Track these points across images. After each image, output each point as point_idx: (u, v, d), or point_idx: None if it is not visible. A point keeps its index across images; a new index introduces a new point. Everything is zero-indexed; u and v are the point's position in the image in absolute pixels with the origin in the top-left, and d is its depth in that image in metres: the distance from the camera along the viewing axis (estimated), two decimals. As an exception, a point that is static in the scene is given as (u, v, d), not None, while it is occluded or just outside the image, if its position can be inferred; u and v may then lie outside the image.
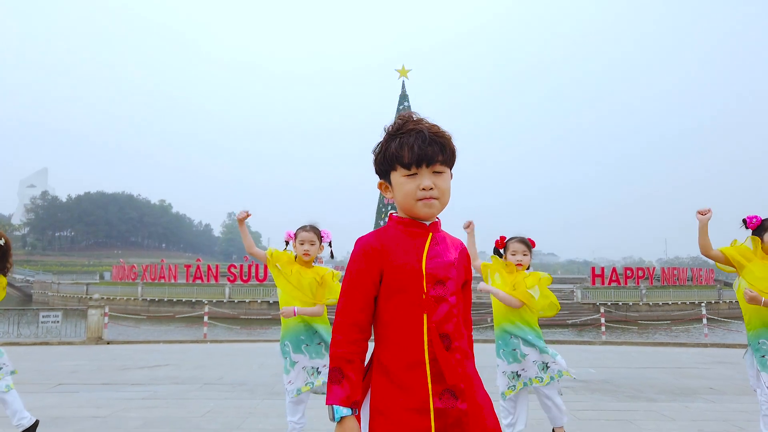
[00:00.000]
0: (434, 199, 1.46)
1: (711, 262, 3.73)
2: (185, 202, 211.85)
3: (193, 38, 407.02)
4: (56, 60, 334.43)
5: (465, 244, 1.60)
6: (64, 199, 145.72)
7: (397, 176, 1.48)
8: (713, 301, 33.14)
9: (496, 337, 3.74)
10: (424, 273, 1.46)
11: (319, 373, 3.44)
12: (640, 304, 32.71)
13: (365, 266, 1.46)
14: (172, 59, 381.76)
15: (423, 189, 1.45)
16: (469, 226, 3.93)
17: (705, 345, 11.72)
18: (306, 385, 3.43)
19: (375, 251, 1.46)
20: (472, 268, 1.98)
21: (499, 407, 3.48)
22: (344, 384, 1.37)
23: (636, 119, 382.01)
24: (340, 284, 1.60)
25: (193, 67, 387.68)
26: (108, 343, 11.78)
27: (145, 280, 37.05)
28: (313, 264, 3.62)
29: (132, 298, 34.37)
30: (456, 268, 1.51)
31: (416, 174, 1.46)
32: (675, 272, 39.25)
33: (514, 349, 3.60)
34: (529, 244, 3.79)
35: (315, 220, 3.68)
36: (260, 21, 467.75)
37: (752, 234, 3.56)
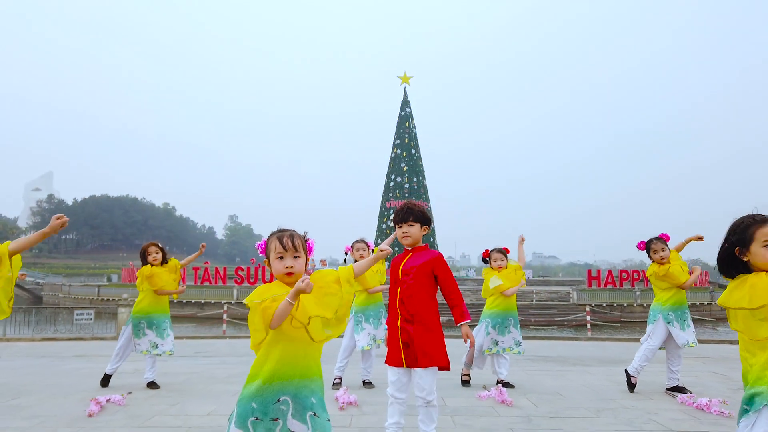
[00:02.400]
0: (407, 237, 3.31)
1: (705, 264, 5.27)
2: (188, 205, 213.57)
3: (195, 43, 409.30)
4: (60, 63, 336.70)
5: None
6: (70, 203, 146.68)
7: (400, 225, 3.37)
8: (706, 303, 33.70)
9: (493, 315, 5.41)
10: (400, 270, 3.30)
11: (374, 339, 5.34)
12: (635, 305, 33.23)
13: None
14: (175, 63, 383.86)
15: (402, 233, 3.33)
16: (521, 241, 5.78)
17: (713, 341, 12.77)
18: (367, 345, 5.25)
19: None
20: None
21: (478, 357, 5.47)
22: None
23: (639, 121, 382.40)
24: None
25: (195, 72, 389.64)
26: (137, 339, 12.84)
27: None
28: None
29: (143, 300, 35.51)
30: (419, 267, 3.26)
31: (401, 226, 3.32)
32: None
33: (506, 327, 5.35)
34: (504, 252, 5.53)
35: (317, 226, 5.26)
36: (261, 25, 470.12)
37: (647, 254, 5.02)
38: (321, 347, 2.22)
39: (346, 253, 5.49)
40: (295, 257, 2.18)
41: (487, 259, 5.54)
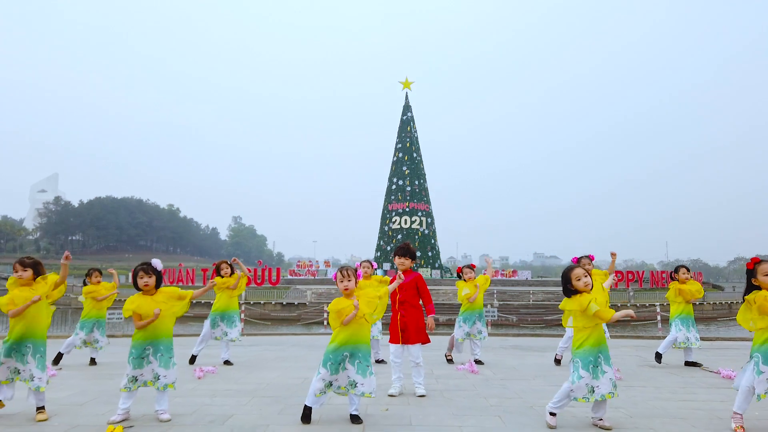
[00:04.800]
0: (403, 266, 5.65)
1: (705, 265, 7.14)
2: (192, 207, 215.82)
3: (196, 42, 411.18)
4: (64, 66, 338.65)
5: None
6: (76, 204, 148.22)
7: (396, 258, 5.69)
8: (698, 303, 35.25)
9: (464, 314, 7.53)
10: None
11: None
12: (628, 305, 34.53)
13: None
14: (177, 64, 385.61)
15: (400, 263, 5.67)
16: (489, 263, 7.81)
17: (660, 338, 14.39)
18: None
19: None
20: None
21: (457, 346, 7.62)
22: None
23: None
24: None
25: (195, 71, 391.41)
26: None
27: (164, 284, 39.61)
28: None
29: (154, 300, 37.29)
30: (409, 284, 5.67)
31: (399, 258, 5.68)
32: (664, 275, 41.10)
33: (473, 321, 7.47)
34: (471, 268, 7.59)
35: (319, 227, 7.36)
36: (265, 25, 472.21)
37: None
38: (369, 328, 4.35)
39: (356, 269, 7.52)
40: (349, 281, 4.36)
41: (461, 273, 7.61)
